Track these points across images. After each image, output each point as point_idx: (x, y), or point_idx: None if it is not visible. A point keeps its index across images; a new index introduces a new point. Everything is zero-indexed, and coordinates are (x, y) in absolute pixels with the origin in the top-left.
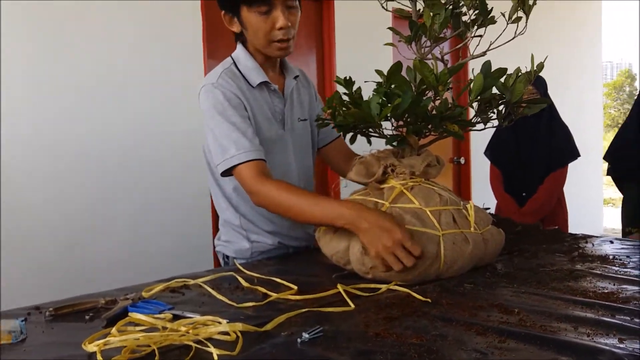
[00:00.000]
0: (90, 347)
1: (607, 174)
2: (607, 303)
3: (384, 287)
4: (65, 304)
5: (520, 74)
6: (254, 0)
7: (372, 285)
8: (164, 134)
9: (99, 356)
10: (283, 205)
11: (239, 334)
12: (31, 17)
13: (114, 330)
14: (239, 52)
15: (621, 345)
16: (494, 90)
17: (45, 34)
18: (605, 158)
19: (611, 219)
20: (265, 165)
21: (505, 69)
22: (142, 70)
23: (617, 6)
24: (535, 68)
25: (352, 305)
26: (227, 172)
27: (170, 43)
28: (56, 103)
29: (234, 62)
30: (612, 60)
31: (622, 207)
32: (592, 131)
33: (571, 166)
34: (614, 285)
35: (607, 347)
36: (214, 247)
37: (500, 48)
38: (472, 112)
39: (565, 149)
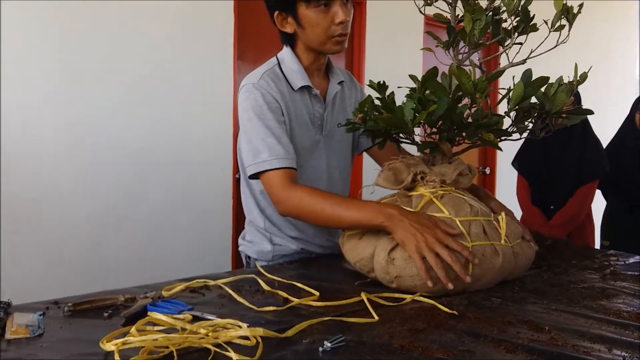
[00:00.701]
0: (108, 346)
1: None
2: None
3: (408, 297)
4: (84, 300)
5: (562, 83)
6: None
7: (397, 295)
8: (189, 133)
9: (116, 356)
10: (316, 209)
11: (259, 339)
12: (53, 16)
13: (133, 330)
14: (285, 53)
15: None
16: (533, 99)
17: (69, 33)
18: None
19: None
20: (296, 175)
21: (547, 78)
22: (170, 69)
23: None
24: (578, 78)
25: (376, 317)
26: (255, 176)
27: (201, 43)
28: (80, 102)
29: (279, 63)
30: None
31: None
32: None
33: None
34: None
35: None
36: (237, 247)
37: (536, 58)
38: (507, 121)
39: (596, 163)
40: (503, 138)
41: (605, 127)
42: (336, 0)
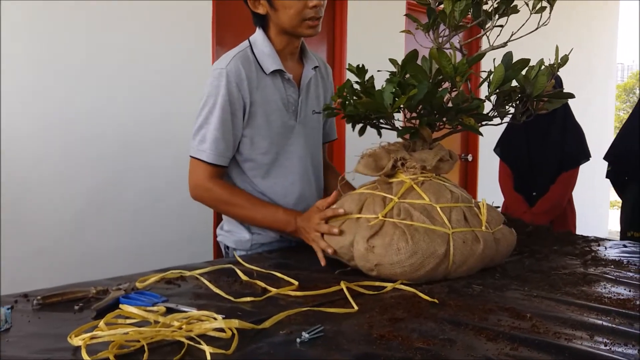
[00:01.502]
0: (76, 341)
1: (607, 177)
2: (624, 310)
3: (389, 285)
4: (54, 293)
5: (543, 66)
6: None
7: (377, 284)
8: (168, 121)
9: (83, 352)
10: (234, 204)
11: (235, 332)
12: (33, 12)
13: (101, 323)
14: (258, 36)
15: None
16: (514, 83)
17: (46, 23)
18: (605, 158)
19: (616, 222)
20: (223, 172)
21: (528, 60)
22: (148, 57)
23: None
24: (559, 61)
25: (356, 307)
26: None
27: (179, 30)
28: (62, 90)
29: (251, 45)
30: (624, 62)
31: (622, 210)
32: (601, 133)
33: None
34: (630, 291)
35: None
36: (215, 237)
37: (516, 42)
38: (488, 106)
39: (578, 150)
40: (484, 123)
41: (587, 112)
42: None
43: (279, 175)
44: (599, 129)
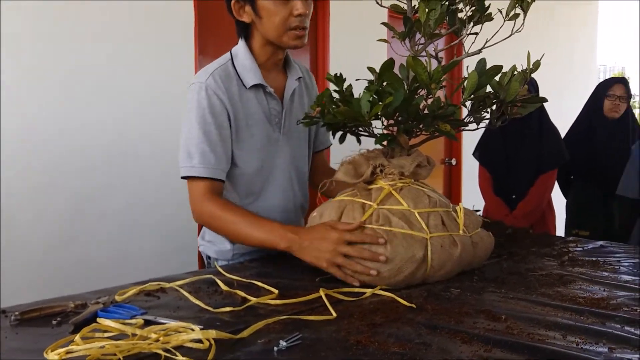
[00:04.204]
0: (52, 356)
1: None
2: (597, 310)
3: (368, 291)
4: (32, 308)
5: (515, 72)
6: None
7: (356, 290)
8: (152, 131)
9: None
10: (226, 226)
11: (212, 342)
12: (16, 23)
13: (77, 338)
14: (240, 48)
15: (612, 356)
16: (489, 89)
17: (27, 30)
18: None
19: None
20: (221, 187)
21: (501, 67)
22: (131, 66)
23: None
24: (531, 67)
25: (334, 314)
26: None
27: (161, 38)
28: (41, 99)
29: (232, 58)
30: (606, 64)
31: (567, 209)
32: None
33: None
34: (605, 291)
35: (597, 358)
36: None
37: (494, 48)
38: (465, 112)
39: (555, 152)
40: (461, 128)
41: (566, 116)
42: None
43: (262, 190)
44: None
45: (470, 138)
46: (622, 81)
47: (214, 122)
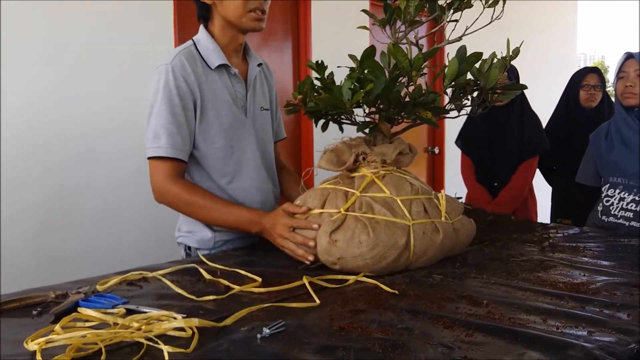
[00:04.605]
0: (32, 346)
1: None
2: (577, 294)
3: (352, 278)
4: (11, 299)
5: (495, 59)
6: None
7: (339, 277)
8: (129, 123)
9: (38, 355)
10: (195, 209)
11: (195, 330)
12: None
13: (57, 327)
14: (201, 33)
15: (591, 338)
16: (469, 76)
17: (4, 24)
18: None
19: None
20: (184, 169)
21: (481, 54)
22: (109, 55)
23: None
24: (511, 54)
25: (318, 301)
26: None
27: (139, 32)
28: (17, 93)
29: (194, 43)
30: (586, 52)
31: (552, 198)
32: None
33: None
34: (584, 275)
35: (577, 341)
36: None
37: (475, 35)
38: (446, 99)
39: (536, 139)
40: (442, 116)
41: (548, 103)
42: None
43: (236, 170)
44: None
45: (453, 126)
46: (595, 70)
47: (181, 103)
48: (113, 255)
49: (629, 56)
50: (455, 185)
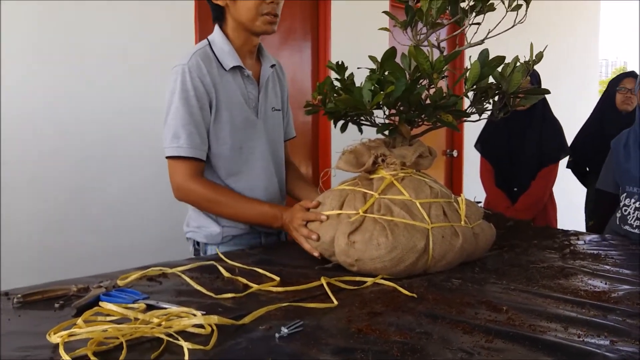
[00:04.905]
0: (54, 338)
1: (568, 167)
2: (598, 303)
3: (369, 280)
4: (34, 291)
5: (518, 63)
6: None
7: (357, 278)
8: (147, 122)
9: (61, 348)
10: (219, 202)
11: (214, 327)
12: (6, 13)
13: (79, 320)
14: (216, 34)
15: (613, 348)
16: (491, 79)
17: (25, 23)
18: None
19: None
20: (203, 167)
21: (503, 58)
22: (128, 56)
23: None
24: (534, 58)
25: (335, 302)
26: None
27: (161, 28)
28: (34, 87)
29: (209, 44)
30: (608, 58)
31: (586, 199)
32: None
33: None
34: (606, 284)
35: (599, 350)
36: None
37: (495, 38)
38: (467, 102)
39: (557, 145)
40: (463, 119)
41: (569, 108)
42: None
43: (244, 170)
44: (582, 124)
45: (472, 129)
46: (633, 75)
47: (198, 104)
48: (130, 253)
49: None
50: (473, 188)
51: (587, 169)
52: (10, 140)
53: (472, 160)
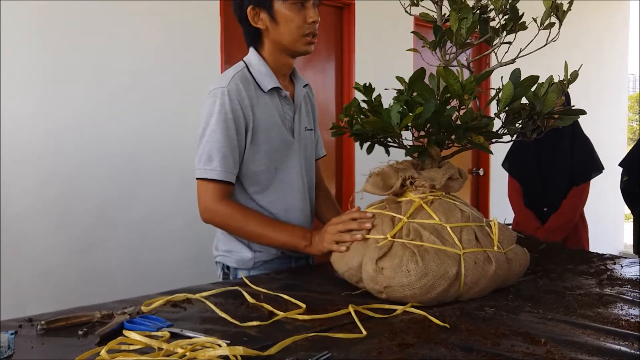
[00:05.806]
0: None
1: (621, 186)
2: None
3: (399, 308)
4: (58, 317)
5: (552, 83)
6: None
7: (387, 306)
8: (173, 140)
9: None
10: (248, 228)
11: (240, 359)
12: (43, 18)
13: (103, 352)
14: (252, 56)
15: None
16: (524, 100)
17: (55, 39)
18: (621, 164)
19: (631, 235)
20: (232, 190)
21: (537, 77)
22: (155, 75)
23: None
24: (569, 77)
25: (364, 332)
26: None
27: (186, 48)
28: (62, 106)
29: (247, 65)
30: (635, 73)
31: (635, 223)
32: (613, 145)
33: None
34: None
35: None
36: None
37: (525, 57)
38: (497, 123)
39: (588, 163)
40: (494, 140)
41: (598, 125)
42: (309, 1)
43: (279, 191)
44: (611, 141)
45: (499, 148)
46: None
47: (235, 127)
48: (155, 271)
49: None
50: (500, 207)
51: (638, 190)
52: (35, 161)
53: (499, 179)
